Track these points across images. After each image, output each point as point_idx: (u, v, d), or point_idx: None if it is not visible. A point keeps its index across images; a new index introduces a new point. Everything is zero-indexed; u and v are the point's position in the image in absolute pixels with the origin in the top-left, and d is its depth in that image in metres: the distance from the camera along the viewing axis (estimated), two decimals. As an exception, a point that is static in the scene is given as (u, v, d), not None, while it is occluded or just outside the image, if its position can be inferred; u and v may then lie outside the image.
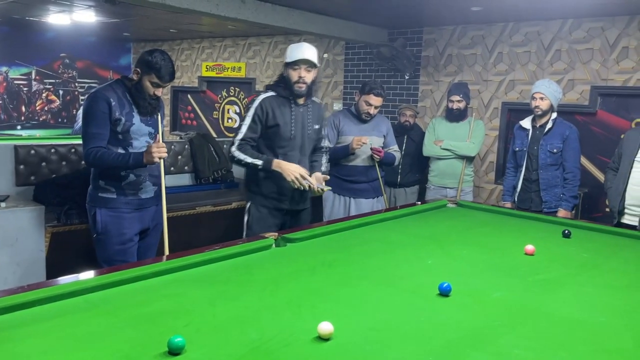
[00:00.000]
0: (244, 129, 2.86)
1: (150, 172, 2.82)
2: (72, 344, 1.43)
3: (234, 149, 2.84)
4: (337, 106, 6.56)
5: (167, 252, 2.75)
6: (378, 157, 3.80)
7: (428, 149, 4.43)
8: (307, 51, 2.86)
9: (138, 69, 2.73)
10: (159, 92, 2.76)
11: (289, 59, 2.87)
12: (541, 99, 3.79)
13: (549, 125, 3.83)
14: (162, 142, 2.80)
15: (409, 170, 4.64)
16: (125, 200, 2.78)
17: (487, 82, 5.40)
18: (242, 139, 2.85)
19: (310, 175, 2.95)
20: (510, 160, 4.12)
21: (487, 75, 5.40)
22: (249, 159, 2.81)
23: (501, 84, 5.30)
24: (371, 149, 3.78)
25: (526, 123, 3.96)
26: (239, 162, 2.84)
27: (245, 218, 3.02)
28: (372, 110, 3.81)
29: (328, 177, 3.03)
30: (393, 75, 5.98)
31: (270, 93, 2.93)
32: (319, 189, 2.91)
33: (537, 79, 5.02)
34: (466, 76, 5.52)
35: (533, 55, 5.08)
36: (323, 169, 3.21)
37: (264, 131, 2.91)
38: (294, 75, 2.86)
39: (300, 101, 2.96)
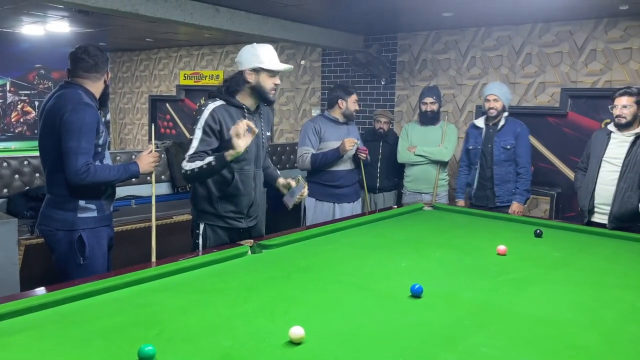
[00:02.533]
0: (195, 143, 2.44)
1: (118, 184, 2.71)
2: (38, 357, 1.42)
3: (184, 163, 2.43)
4: (316, 112, 6.59)
5: (154, 259, 2.70)
6: (364, 156, 3.92)
7: (402, 155, 4.49)
8: (278, 59, 2.61)
9: (107, 71, 2.65)
10: None
11: (267, 66, 2.52)
12: (495, 100, 3.96)
13: (502, 123, 3.99)
14: (155, 150, 2.73)
15: (387, 175, 4.68)
16: (103, 216, 2.61)
17: (461, 86, 5.48)
18: (193, 154, 2.43)
19: (276, 185, 2.80)
20: (463, 159, 4.25)
21: (461, 80, 5.48)
22: (199, 163, 2.39)
23: (475, 87, 5.38)
24: (358, 149, 3.89)
25: (480, 122, 4.10)
26: (193, 174, 2.41)
27: (200, 241, 2.62)
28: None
29: (292, 178, 2.73)
30: (369, 80, 6.03)
31: (219, 102, 2.53)
32: (298, 196, 2.65)
33: (510, 82, 5.12)
34: (441, 81, 5.59)
35: (505, 59, 5.17)
36: (278, 172, 2.94)
37: (220, 145, 2.50)
38: (270, 82, 2.55)
39: (253, 108, 2.62)
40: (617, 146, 3.32)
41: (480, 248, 2.65)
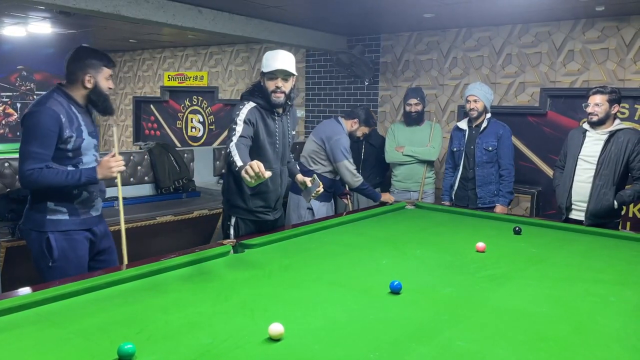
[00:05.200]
0: (239, 128, 2.64)
1: (100, 187, 2.68)
2: (18, 357, 1.43)
3: (232, 144, 2.57)
4: (300, 113, 6.61)
5: (125, 261, 2.71)
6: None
7: (390, 155, 4.53)
8: (283, 60, 2.72)
9: (88, 74, 2.55)
10: (112, 82, 2.66)
11: (265, 69, 2.74)
12: (475, 101, 3.98)
13: (484, 125, 4.02)
14: (118, 154, 2.64)
15: (370, 174, 4.71)
16: (78, 220, 2.56)
17: (443, 86, 5.54)
18: (240, 136, 2.61)
19: (294, 180, 3.05)
20: (448, 161, 4.29)
21: (443, 80, 5.54)
22: (237, 157, 2.48)
23: (457, 87, 5.44)
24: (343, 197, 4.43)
25: (463, 124, 4.14)
26: (229, 157, 2.54)
27: (232, 232, 2.87)
28: None
29: (309, 178, 2.91)
30: (353, 81, 6.07)
31: (252, 104, 2.76)
32: (314, 193, 2.78)
33: (490, 82, 5.19)
34: (423, 81, 5.65)
35: (486, 59, 5.24)
36: (298, 168, 3.16)
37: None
38: (270, 85, 2.73)
39: (280, 110, 2.85)
40: (592, 144, 3.39)
41: (460, 245, 2.70)
